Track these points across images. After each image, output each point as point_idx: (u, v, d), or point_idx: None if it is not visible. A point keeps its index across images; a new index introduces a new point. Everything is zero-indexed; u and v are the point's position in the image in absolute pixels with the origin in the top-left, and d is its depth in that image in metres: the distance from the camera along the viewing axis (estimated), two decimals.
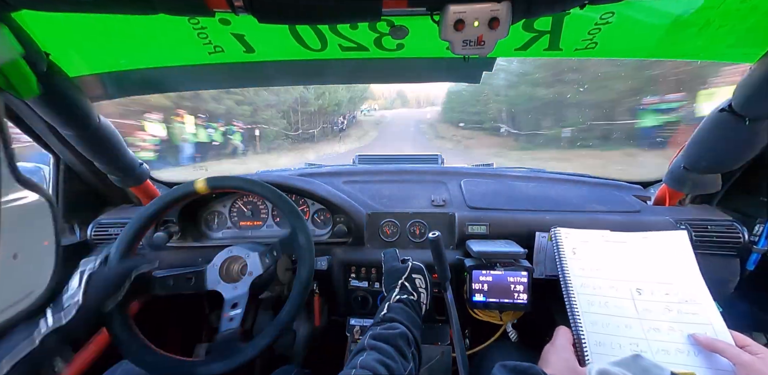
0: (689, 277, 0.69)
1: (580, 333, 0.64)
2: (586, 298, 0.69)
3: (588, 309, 0.68)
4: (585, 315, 0.67)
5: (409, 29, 0.66)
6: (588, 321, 0.66)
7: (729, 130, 0.76)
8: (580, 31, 0.69)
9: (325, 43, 0.73)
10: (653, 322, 0.65)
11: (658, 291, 0.69)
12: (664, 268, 0.72)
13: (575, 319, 0.66)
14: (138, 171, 1.03)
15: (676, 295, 0.68)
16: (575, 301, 0.69)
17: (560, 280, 0.72)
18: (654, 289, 0.69)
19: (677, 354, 0.61)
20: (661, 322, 0.65)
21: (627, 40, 0.72)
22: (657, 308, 0.67)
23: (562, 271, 0.73)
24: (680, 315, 0.65)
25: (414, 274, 0.75)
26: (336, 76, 0.89)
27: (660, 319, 0.65)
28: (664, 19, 0.66)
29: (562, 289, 0.71)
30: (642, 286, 0.69)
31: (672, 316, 0.65)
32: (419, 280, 0.75)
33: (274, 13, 0.52)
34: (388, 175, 1.13)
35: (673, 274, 0.70)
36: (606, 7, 0.63)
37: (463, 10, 0.51)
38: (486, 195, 1.03)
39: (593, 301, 0.69)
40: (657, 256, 0.73)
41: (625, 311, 0.67)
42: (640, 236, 0.76)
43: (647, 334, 0.64)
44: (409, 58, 0.80)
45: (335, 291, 0.98)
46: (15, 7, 0.53)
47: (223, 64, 0.80)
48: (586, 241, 0.77)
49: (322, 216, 1.04)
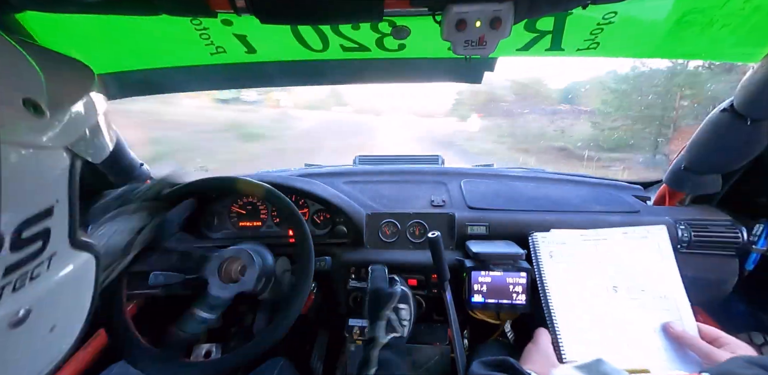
0: (665, 273, 0.72)
1: (557, 333, 0.68)
2: (562, 300, 0.72)
3: (564, 309, 0.70)
4: (561, 316, 0.70)
5: (410, 29, 0.66)
6: (564, 321, 0.69)
7: (730, 130, 0.76)
8: (583, 31, 0.69)
9: (327, 43, 0.73)
10: (628, 319, 0.68)
11: (634, 288, 0.71)
12: (641, 263, 0.74)
13: (552, 320, 0.69)
14: (138, 171, 1.03)
15: (651, 292, 0.70)
16: (552, 303, 0.71)
17: (538, 283, 0.75)
18: (630, 285, 0.71)
19: (650, 350, 0.64)
20: (635, 318, 0.68)
21: (629, 39, 0.72)
22: (632, 305, 0.69)
23: (539, 275, 0.76)
24: (654, 311, 0.68)
25: (401, 304, 0.72)
26: (338, 77, 0.89)
27: (634, 316, 0.68)
28: (667, 19, 0.66)
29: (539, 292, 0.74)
30: (618, 284, 0.72)
31: (646, 313, 0.68)
32: (405, 311, 0.72)
33: (275, 14, 0.52)
34: (388, 175, 1.13)
35: (651, 270, 0.72)
36: (608, 7, 0.63)
37: (464, 10, 0.51)
38: (486, 195, 1.03)
39: (569, 302, 0.71)
40: (635, 252, 0.75)
41: (600, 309, 0.70)
42: (620, 232, 0.77)
43: (622, 331, 0.67)
44: (411, 59, 0.80)
45: (334, 291, 0.99)
46: (17, 9, 0.53)
47: (224, 64, 0.80)
48: (563, 243, 0.79)
49: (321, 216, 1.04)
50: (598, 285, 0.72)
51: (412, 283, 0.94)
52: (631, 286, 0.71)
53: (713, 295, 0.68)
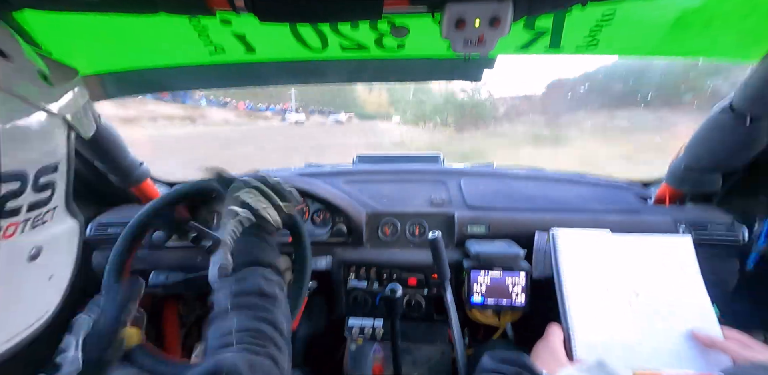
0: (690, 284, 0.70)
1: (570, 331, 0.66)
2: (580, 299, 0.70)
3: (581, 310, 0.69)
4: (577, 315, 0.68)
5: (409, 29, 0.66)
6: (580, 321, 0.68)
7: (730, 129, 0.76)
8: (582, 30, 0.69)
9: (326, 42, 0.73)
10: (648, 325, 0.66)
11: (657, 295, 0.70)
12: (665, 272, 0.72)
13: (567, 318, 0.68)
14: (138, 171, 1.03)
15: (675, 300, 0.68)
16: (568, 302, 0.70)
17: (555, 280, 0.74)
18: (653, 293, 0.70)
19: (670, 356, 0.63)
20: (657, 323, 0.66)
21: (628, 38, 0.72)
22: (653, 312, 0.68)
23: (558, 272, 0.74)
24: (677, 319, 0.66)
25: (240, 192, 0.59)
26: (337, 76, 0.89)
27: (655, 323, 0.66)
28: (666, 18, 0.66)
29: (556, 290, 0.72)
30: (640, 290, 0.70)
31: (668, 320, 0.66)
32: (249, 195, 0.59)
33: (274, 12, 0.51)
34: (388, 174, 1.13)
35: (674, 280, 0.71)
36: (608, 6, 0.62)
37: (464, 9, 0.51)
38: (486, 195, 1.03)
39: (587, 303, 0.70)
40: (659, 260, 0.74)
41: (619, 313, 0.68)
42: (642, 239, 0.76)
43: (640, 337, 0.65)
44: (410, 58, 0.80)
45: (334, 291, 0.98)
46: (16, 7, 0.53)
47: (224, 64, 0.80)
48: (585, 243, 0.78)
49: (321, 216, 1.04)
50: (619, 289, 0.71)
51: (412, 283, 0.94)
52: (653, 293, 0.70)
53: (714, 294, 0.68)
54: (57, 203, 0.49)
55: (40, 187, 0.44)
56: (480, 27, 0.52)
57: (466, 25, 0.52)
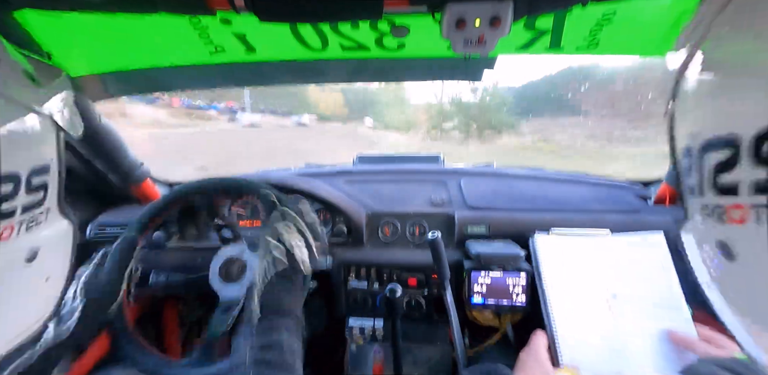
0: (665, 280, 0.71)
1: (554, 336, 0.67)
2: (561, 303, 0.71)
3: (563, 313, 0.70)
4: (559, 319, 0.69)
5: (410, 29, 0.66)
6: (562, 324, 0.69)
7: None
8: (582, 30, 0.69)
9: (326, 42, 0.73)
10: (627, 325, 0.67)
11: (634, 295, 0.71)
12: (640, 271, 0.73)
13: (550, 322, 0.69)
14: (138, 171, 1.03)
15: (650, 299, 0.70)
16: (550, 305, 0.71)
17: (537, 284, 0.74)
18: (629, 293, 0.71)
19: (649, 358, 0.63)
20: (635, 324, 0.67)
21: (629, 38, 0.72)
22: (631, 311, 0.69)
23: (539, 276, 0.76)
24: (654, 318, 0.67)
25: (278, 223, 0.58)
26: (337, 76, 0.89)
27: (633, 322, 0.67)
28: (667, 18, 0.66)
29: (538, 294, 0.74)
30: (617, 291, 0.72)
31: (645, 319, 0.67)
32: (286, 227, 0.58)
33: (275, 12, 0.51)
34: (388, 175, 1.13)
35: (650, 278, 0.72)
36: (608, 6, 0.62)
37: (464, 9, 0.51)
38: (486, 195, 1.03)
39: (568, 306, 0.71)
40: (634, 259, 0.75)
41: (599, 314, 0.69)
42: (616, 239, 0.78)
43: (620, 337, 0.66)
44: (410, 58, 0.80)
45: (334, 291, 0.98)
46: (15, 7, 0.53)
47: (224, 63, 0.80)
48: (563, 246, 0.79)
49: (321, 216, 1.04)
50: (597, 291, 0.72)
51: (412, 283, 0.94)
52: (630, 293, 0.71)
53: None
54: (50, 204, 0.49)
55: (33, 188, 0.45)
56: (480, 27, 0.52)
57: (466, 25, 0.52)
